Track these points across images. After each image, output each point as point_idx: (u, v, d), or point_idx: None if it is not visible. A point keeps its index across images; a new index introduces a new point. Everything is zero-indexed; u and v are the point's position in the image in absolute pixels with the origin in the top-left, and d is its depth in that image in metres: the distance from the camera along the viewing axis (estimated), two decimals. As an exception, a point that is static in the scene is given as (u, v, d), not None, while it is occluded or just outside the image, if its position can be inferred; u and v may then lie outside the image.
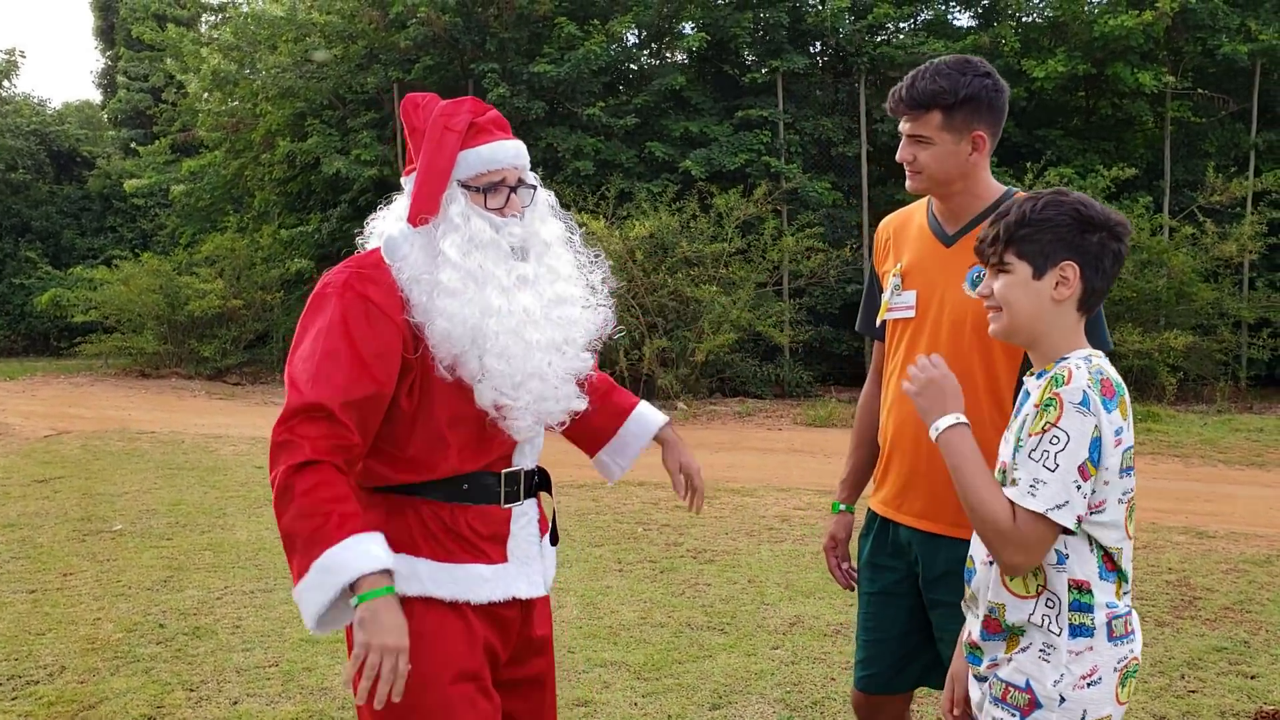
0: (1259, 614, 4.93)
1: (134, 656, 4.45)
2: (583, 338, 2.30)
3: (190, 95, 18.63)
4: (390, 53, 15.49)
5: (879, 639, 2.64)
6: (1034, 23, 15.03)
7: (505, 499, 2.26)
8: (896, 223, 2.71)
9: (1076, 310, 1.96)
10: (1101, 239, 1.93)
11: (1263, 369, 13.23)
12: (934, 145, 2.42)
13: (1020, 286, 1.95)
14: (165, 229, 21.23)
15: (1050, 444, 1.84)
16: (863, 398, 2.82)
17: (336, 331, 2.08)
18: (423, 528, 2.18)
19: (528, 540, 2.30)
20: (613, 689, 4.10)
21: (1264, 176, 13.07)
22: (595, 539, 6.38)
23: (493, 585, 2.22)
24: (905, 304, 2.55)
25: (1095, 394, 1.84)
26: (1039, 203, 1.95)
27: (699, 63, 15.70)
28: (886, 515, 2.61)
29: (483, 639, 2.21)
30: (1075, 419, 1.83)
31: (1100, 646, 1.90)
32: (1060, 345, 1.96)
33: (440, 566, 2.18)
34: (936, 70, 2.41)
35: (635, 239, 12.68)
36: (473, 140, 2.20)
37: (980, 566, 2.03)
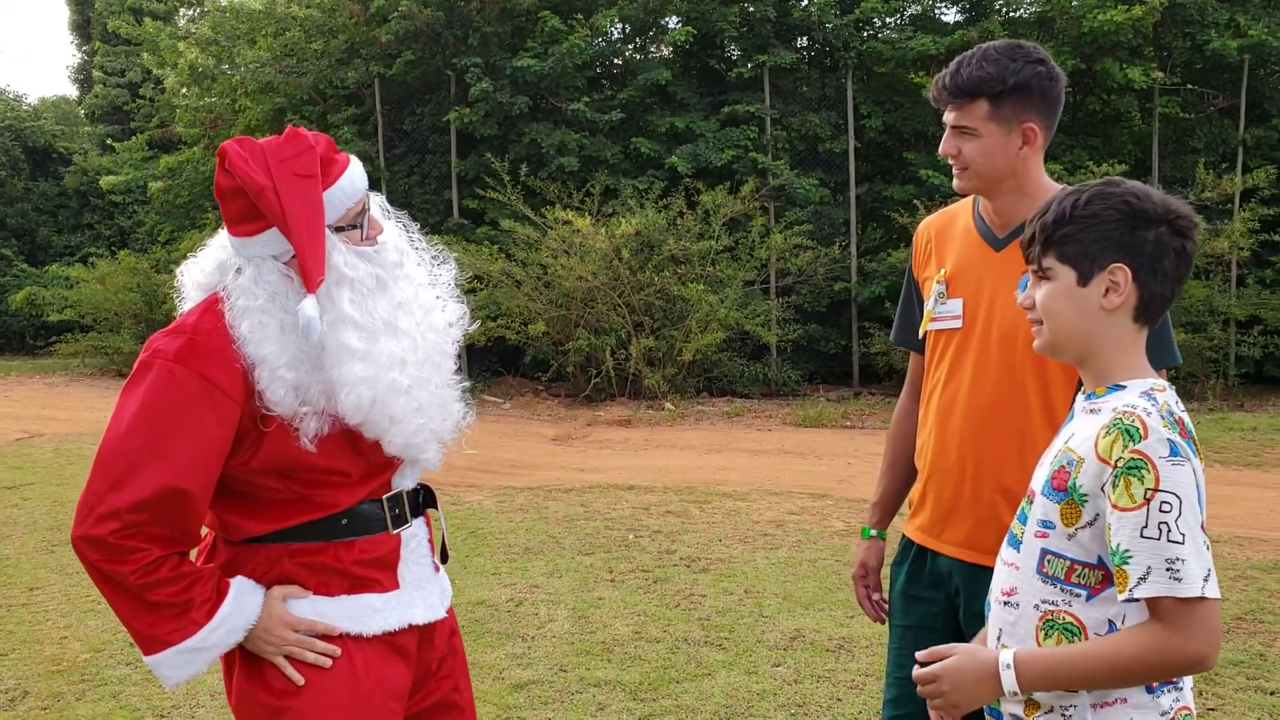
0: (1273, 624, 4.78)
1: (102, 679, 4.24)
2: (452, 346, 2.17)
3: (168, 90, 18.32)
4: (371, 47, 15.25)
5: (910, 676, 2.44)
6: (1022, 18, 14.89)
7: (393, 524, 2.10)
8: (938, 224, 2.47)
9: (1133, 321, 1.70)
10: (1159, 235, 1.66)
11: (1252, 366, 13.14)
12: (980, 137, 2.21)
13: (1064, 295, 1.69)
14: (143, 226, 20.90)
15: (1163, 513, 1.55)
16: (897, 414, 2.58)
17: (155, 418, 1.89)
18: (302, 571, 2.03)
19: (419, 562, 2.15)
20: (608, 711, 3.91)
21: (1255, 173, 12.98)
22: (585, 547, 6.19)
23: (385, 615, 2.08)
24: (951, 313, 2.33)
25: (1178, 437, 1.58)
26: (1083, 196, 1.69)
27: (684, 58, 15.51)
28: (925, 544, 2.39)
29: (375, 676, 2.06)
30: (1175, 475, 1.56)
31: (1135, 698, 1.65)
32: (1115, 364, 1.71)
33: (325, 600, 2.04)
34: (984, 55, 2.20)
35: (621, 237, 12.50)
36: (328, 177, 1.99)
37: (996, 605, 1.80)
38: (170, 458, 1.88)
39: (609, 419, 11.55)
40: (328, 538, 2.05)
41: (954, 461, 2.31)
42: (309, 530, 2.04)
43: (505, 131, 14.37)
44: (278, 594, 2.01)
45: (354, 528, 2.07)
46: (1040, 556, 1.72)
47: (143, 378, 1.94)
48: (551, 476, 8.36)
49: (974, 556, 2.28)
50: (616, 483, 8.07)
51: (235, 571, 2.06)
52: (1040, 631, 1.70)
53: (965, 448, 2.29)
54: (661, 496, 7.54)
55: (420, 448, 2.08)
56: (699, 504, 7.29)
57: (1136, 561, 1.56)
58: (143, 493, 1.87)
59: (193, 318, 1.98)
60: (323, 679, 2.02)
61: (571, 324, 12.71)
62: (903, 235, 13.55)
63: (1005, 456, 2.24)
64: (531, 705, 3.97)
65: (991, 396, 2.26)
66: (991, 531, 2.25)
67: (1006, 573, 1.79)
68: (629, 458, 9.22)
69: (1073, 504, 1.67)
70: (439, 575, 2.23)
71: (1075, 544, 1.67)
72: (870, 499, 2.65)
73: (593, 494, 7.65)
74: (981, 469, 2.27)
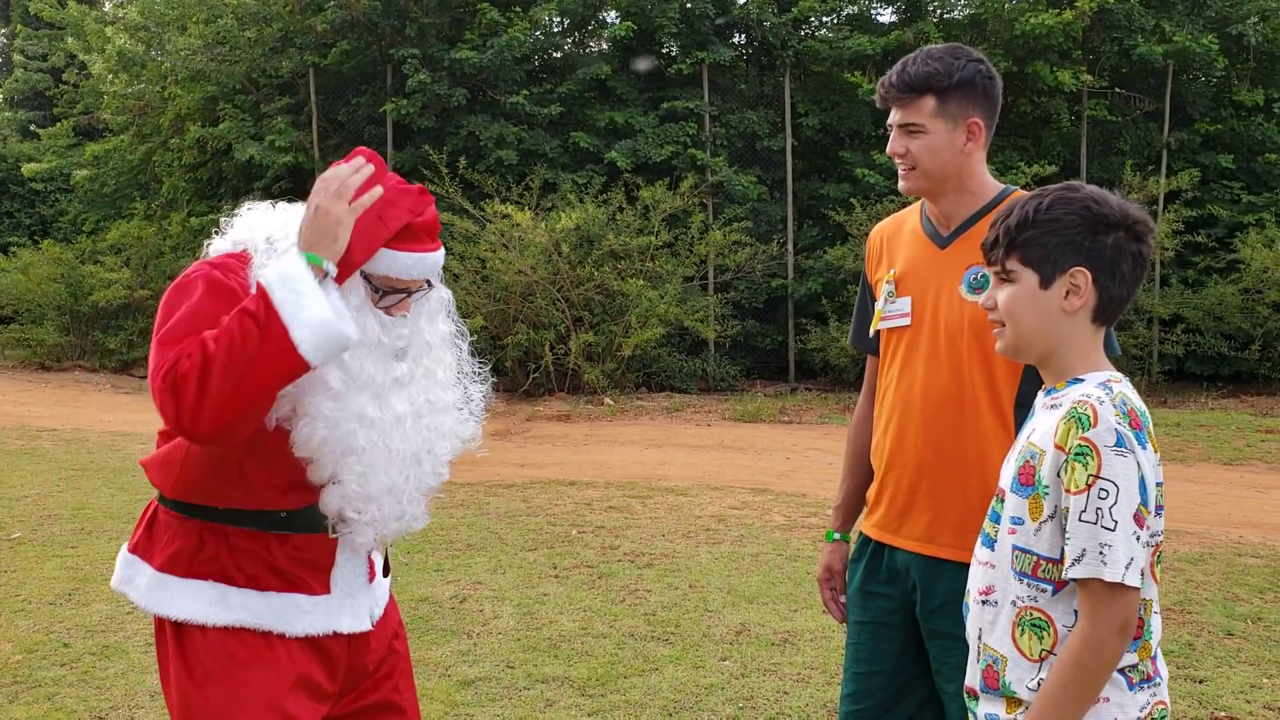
0: (1199, 614, 4.93)
1: (35, 681, 4.13)
2: (447, 452, 2.16)
3: (94, 76, 17.87)
4: (306, 36, 15.01)
5: (869, 672, 2.45)
6: (955, 20, 15.14)
7: (333, 528, 2.10)
8: (889, 229, 2.54)
9: (1091, 322, 1.76)
10: (1118, 240, 1.72)
11: (1174, 364, 13.52)
12: (927, 134, 2.27)
13: (1026, 298, 1.75)
14: (67, 215, 20.35)
15: (1100, 499, 1.62)
16: (856, 419, 2.62)
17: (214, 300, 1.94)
18: (233, 557, 2.04)
19: (353, 570, 2.15)
20: (556, 707, 3.91)
21: (1178, 176, 13.34)
22: (528, 543, 6.18)
23: (312, 618, 2.08)
24: (900, 311, 2.39)
25: (1127, 429, 1.64)
26: (1045, 200, 1.75)
27: (624, 53, 15.52)
28: (882, 539, 2.43)
29: (299, 672, 2.06)
30: (1117, 464, 1.63)
31: (1117, 697, 1.69)
32: (1075, 362, 1.76)
33: (255, 595, 2.04)
34: (929, 54, 2.27)
35: (561, 231, 12.46)
36: (400, 243, 2.01)
37: (974, 605, 1.83)
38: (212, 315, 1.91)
39: (548, 414, 11.52)
40: (267, 528, 2.05)
41: (909, 456, 2.35)
42: (252, 517, 2.04)
43: (443, 124, 14.24)
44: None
45: (294, 524, 2.07)
46: (1012, 553, 1.76)
47: (191, 286, 1.96)
48: (492, 472, 8.32)
49: (931, 550, 2.32)
50: (558, 478, 8.06)
51: (159, 541, 2.07)
52: (1015, 629, 1.74)
53: (919, 443, 2.33)
54: (603, 492, 7.55)
55: (355, 526, 2.06)
56: (641, 499, 7.31)
57: (1074, 543, 1.65)
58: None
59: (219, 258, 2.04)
60: (244, 670, 2.02)
61: (510, 319, 12.65)
62: (839, 233, 13.71)
63: (957, 449, 2.30)
64: (479, 702, 3.96)
65: (941, 391, 2.31)
66: (947, 524, 2.30)
67: (983, 572, 1.82)
68: (569, 453, 9.22)
69: (1037, 498, 1.73)
70: (372, 586, 2.22)
71: (1040, 538, 1.72)
72: (833, 502, 2.68)
73: (534, 489, 7.63)
74: (935, 463, 2.32)
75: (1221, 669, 4.28)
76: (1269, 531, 6.54)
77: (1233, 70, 14.15)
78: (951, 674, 2.31)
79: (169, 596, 2.04)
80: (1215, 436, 9.92)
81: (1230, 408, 12.01)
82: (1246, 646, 4.53)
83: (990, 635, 1.79)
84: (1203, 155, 14.03)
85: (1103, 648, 1.63)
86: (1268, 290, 12.61)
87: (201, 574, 2.04)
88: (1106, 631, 1.63)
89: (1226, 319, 12.89)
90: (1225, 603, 5.09)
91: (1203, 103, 14.32)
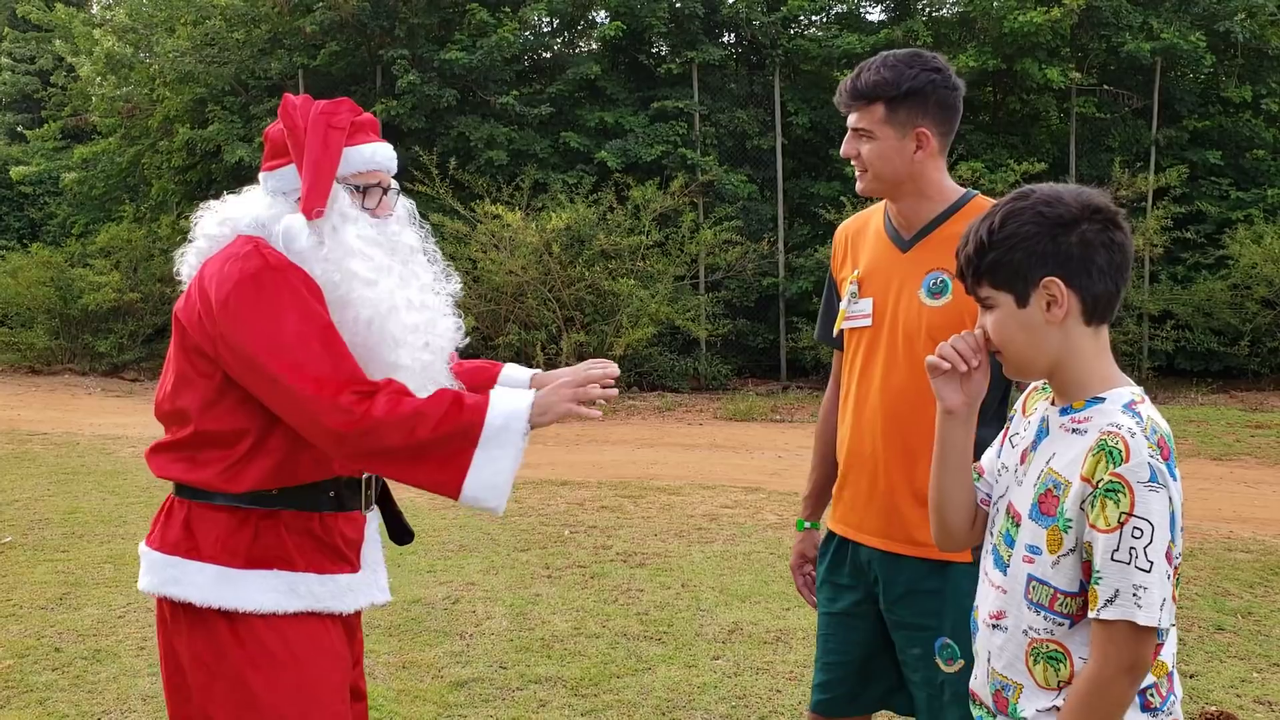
0: (1190, 609, 4.96)
1: (26, 685, 4.12)
2: (446, 344, 2.29)
3: (82, 79, 17.79)
4: (295, 37, 14.98)
5: (838, 661, 2.53)
6: (945, 18, 15.18)
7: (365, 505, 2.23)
8: (854, 227, 2.59)
9: (1086, 325, 1.68)
10: (1083, 235, 1.64)
11: (1164, 360, 13.56)
12: (877, 140, 2.32)
13: (1010, 320, 1.69)
14: (56, 218, 20.25)
15: (1134, 538, 1.56)
16: (823, 411, 2.70)
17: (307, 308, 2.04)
18: (293, 540, 2.11)
19: (374, 546, 2.28)
20: (549, 707, 3.91)
21: (1167, 173, 13.38)
22: (521, 543, 6.18)
23: (356, 595, 2.19)
24: (862, 312, 2.45)
25: (1160, 462, 1.58)
26: (996, 218, 1.68)
27: (613, 53, 15.51)
28: (845, 535, 2.50)
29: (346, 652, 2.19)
30: (1151, 501, 1.56)
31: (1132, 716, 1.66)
32: (1084, 373, 1.70)
33: (317, 579, 2.12)
34: (884, 62, 2.32)
35: (551, 231, 12.46)
36: (354, 139, 2.20)
37: (983, 626, 1.80)
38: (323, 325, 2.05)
39: (540, 414, 11.50)
40: (318, 508, 2.13)
41: (868, 455, 2.42)
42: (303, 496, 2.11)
43: (433, 124, 14.22)
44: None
45: (341, 500, 2.16)
46: (1027, 582, 1.72)
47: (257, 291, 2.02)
48: (484, 472, 8.31)
49: (891, 546, 2.39)
50: (550, 478, 8.06)
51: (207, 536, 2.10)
52: (1029, 658, 1.72)
53: (878, 441, 2.39)
54: (596, 491, 7.55)
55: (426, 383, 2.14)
56: (633, 499, 7.32)
57: (1106, 584, 1.58)
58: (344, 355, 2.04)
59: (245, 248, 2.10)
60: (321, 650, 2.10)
61: (502, 319, 12.65)
62: (829, 231, 13.71)
63: (916, 448, 2.34)
64: (472, 703, 3.96)
65: (899, 391, 2.37)
66: (905, 521, 2.36)
67: (994, 595, 1.79)
68: (561, 453, 9.21)
69: (1057, 530, 1.68)
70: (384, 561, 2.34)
71: (1058, 571, 1.68)
72: (803, 492, 2.75)
73: (526, 490, 7.63)
74: (894, 461, 2.38)
75: (1212, 664, 4.30)
76: (1259, 526, 6.57)
77: (1220, 67, 14.20)
78: (916, 663, 2.37)
79: (237, 589, 2.07)
80: (1205, 432, 9.96)
81: (1220, 403, 12.06)
82: (1237, 641, 4.55)
83: (999, 660, 1.76)
84: (1191, 152, 14.07)
85: (1115, 687, 1.59)
86: (1256, 286, 12.65)
87: (263, 563, 2.09)
88: (1115, 671, 1.58)
89: (1216, 315, 12.94)
90: (1215, 598, 5.11)
91: (1191, 99, 14.36)
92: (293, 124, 2.16)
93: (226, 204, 2.24)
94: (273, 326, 1.99)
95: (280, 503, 2.10)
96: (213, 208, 2.24)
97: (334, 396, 1.97)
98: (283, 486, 2.09)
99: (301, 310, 2.02)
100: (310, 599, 2.11)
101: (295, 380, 1.97)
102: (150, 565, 2.14)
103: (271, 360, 1.97)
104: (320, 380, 1.98)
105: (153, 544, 2.15)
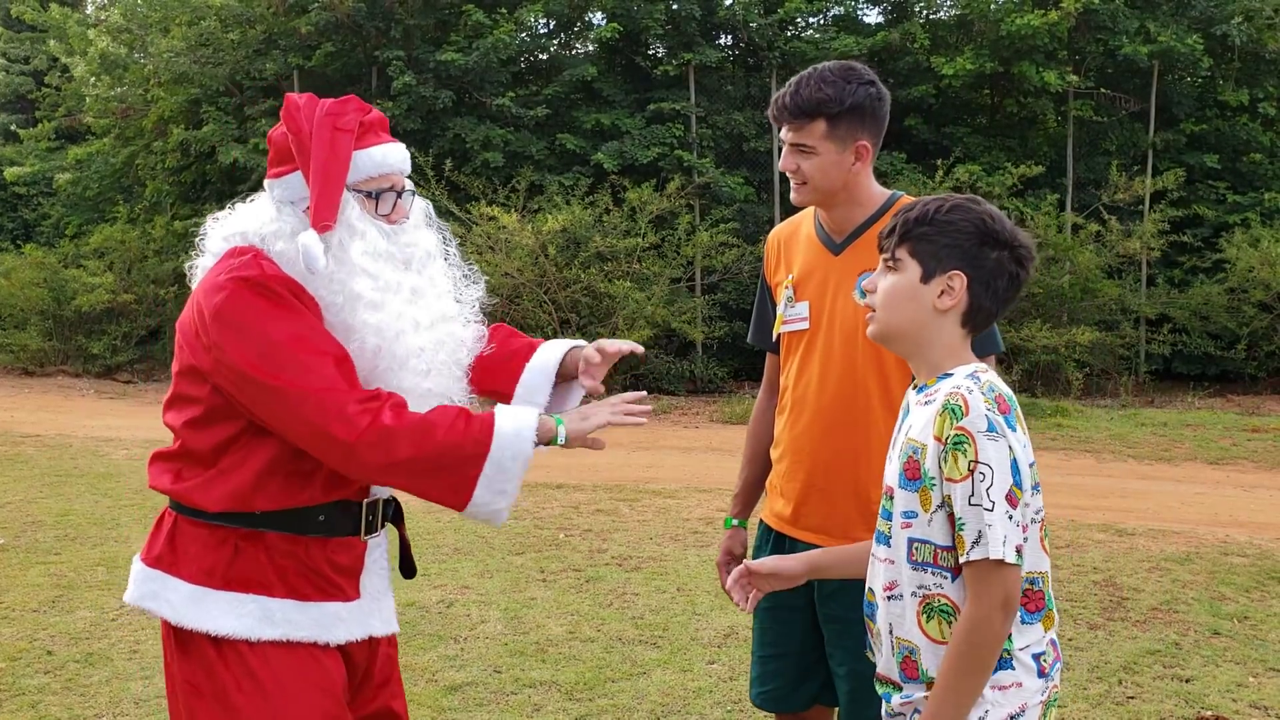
0: (1186, 614, 4.94)
1: (19, 689, 4.09)
2: (465, 358, 2.19)
3: (76, 79, 17.76)
4: (290, 38, 14.95)
5: (775, 654, 2.60)
6: (942, 20, 15.18)
7: (365, 530, 2.12)
8: (785, 233, 2.66)
9: (961, 326, 1.85)
10: (1000, 258, 1.83)
11: (1161, 364, 13.57)
12: (818, 155, 2.37)
13: (906, 288, 1.84)
14: (49, 219, 20.20)
15: (980, 483, 1.72)
16: (756, 411, 2.77)
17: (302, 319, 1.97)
18: (274, 564, 2.02)
19: (379, 574, 2.17)
20: (544, 712, 3.89)
21: (1164, 176, 13.38)
22: (515, 547, 6.15)
23: (349, 624, 2.08)
24: (799, 315, 2.52)
25: (997, 415, 1.74)
26: (947, 204, 1.85)
27: (610, 54, 15.50)
28: (781, 530, 2.56)
29: (339, 682, 2.07)
30: (990, 448, 1.73)
31: (1029, 682, 1.80)
32: (943, 361, 1.85)
33: (297, 606, 2.03)
34: (821, 78, 2.36)
35: (547, 233, 12.44)
36: (363, 141, 2.08)
37: (881, 602, 1.89)
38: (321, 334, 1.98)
39: (535, 416, 11.48)
40: (304, 532, 2.04)
41: (805, 453, 2.49)
42: (289, 519, 2.03)
43: (429, 126, 14.20)
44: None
45: (331, 525, 2.06)
46: (909, 546, 1.84)
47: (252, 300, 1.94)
48: (479, 475, 8.28)
49: (826, 541, 2.44)
50: (545, 481, 8.03)
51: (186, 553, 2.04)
52: (921, 616, 1.83)
53: (815, 440, 2.47)
54: (591, 495, 7.53)
55: None
56: (629, 502, 7.29)
57: (969, 528, 1.73)
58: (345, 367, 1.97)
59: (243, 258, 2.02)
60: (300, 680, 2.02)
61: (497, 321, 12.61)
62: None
63: (851, 447, 2.43)
64: (466, 707, 3.93)
65: (836, 391, 2.44)
66: (841, 517, 2.44)
67: (884, 569, 1.89)
68: (556, 455, 9.15)
69: (925, 490, 1.81)
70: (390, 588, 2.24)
71: (934, 528, 1.81)
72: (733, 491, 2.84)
73: (521, 492, 7.57)
74: (831, 460, 2.45)
75: (1208, 668, 4.29)
76: (1255, 531, 6.56)
77: (1217, 70, 14.22)
78: (843, 657, 2.44)
79: (208, 611, 2.00)
80: (1202, 436, 9.95)
81: (1217, 407, 12.06)
82: (1233, 645, 4.54)
83: (901, 628, 1.86)
84: (1188, 155, 14.09)
85: (989, 624, 1.72)
86: (1253, 290, 12.67)
87: (240, 586, 2.01)
88: (989, 608, 1.72)
89: (1213, 319, 12.95)
90: (1212, 602, 5.10)
91: (1188, 103, 14.38)
92: (297, 127, 2.04)
93: (234, 215, 2.13)
94: (269, 336, 1.91)
95: (264, 524, 2.02)
96: (219, 219, 2.13)
97: (341, 407, 1.89)
98: (266, 510, 2.02)
99: (297, 320, 1.94)
100: (288, 627, 2.02)
101: (298, 391, 1.89)
102: (135, 576, 2.10)
103: (270, 371, 1.89)
104: (324, 390, 1.90)
105: (142, 555, 2.11)
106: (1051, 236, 12.73)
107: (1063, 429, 10.25)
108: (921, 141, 14.56)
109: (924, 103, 14.57)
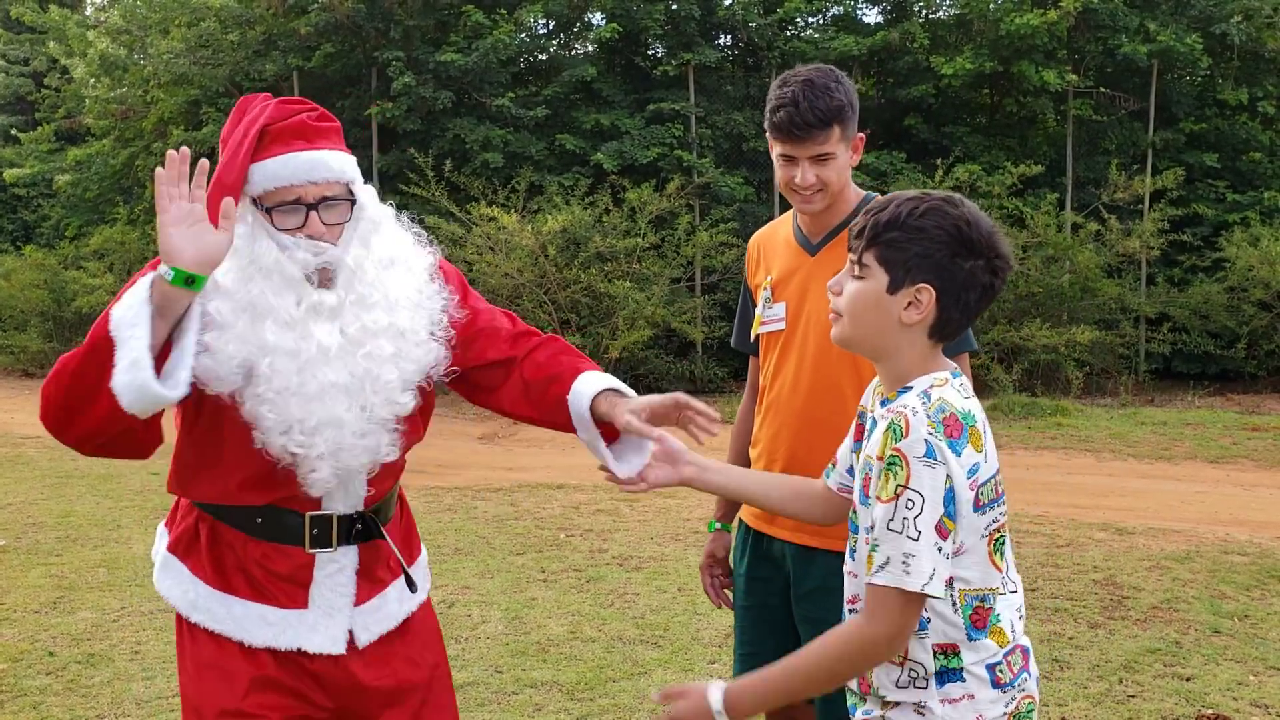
0: (1186, 612, 4.94)
1: (20, 690, 4.10)
2: (396, 377, 2.02)
3: (76, 81, 17.76)
4: (290, 39, 14.95)
5: (754, 653, 2.60)
6: (941, 20, 15.18)
7: (311, 543, 2.05)
8: (765, 237, 2.71)
9: (928, 338, 1.74)
10: (974, 268, 1.70)
11: (1161, 363, 13.57)
12: (836, 159, 2.40)
13: (871, 297, 1.73)
14: (49, 221, 20.22)
15: (906, 509, 1.62)
16: (739, 414, 2.79)
17: None
18: (218, 550, 2.06)
19: (335, 591, 2.09)
20: (545, 712, 3.90)
21: (1164, 175, 13.38)
22: (516, 547, 6.16)
23: (276, 631, 2.04)
24: (776, 316, 2.55)
25: (940, 439, 1.64)
26: (921, 206, 1.71)
27: (609, 54, 15.50)
28: (760, 529, 2.58)
29: (258, 674, 2.03)
30: (925, 475, 1.62)
31: (981, 693, 1.72)
32: (909, 371, 1.76)
33: (220, 599, 2.04)
34: (822, 87, 2.37)
35: (547, 234, 12.44)
36: (262, 152, 1.98)
37: (847, 613, 1.86)
38: None
39: (536, 417, 11.48)
40: (243, 529, 2.05)
41: (782, 452, 2.51)
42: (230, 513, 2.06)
43: (428, 126, 14.20)
44: None
45: (268, 531, 2.04)
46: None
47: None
48: (479, 476, 8.30)
49: (803, 539, 2.47)
50: (545, 481, 8.04)
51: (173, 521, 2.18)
52: None
53: (792, 440, 2.50)
54: (591, 495, 7.53)
55: (306, 462, 1.96)
56: (629, 502, 7.30)
57: (880, 551, 1.65)
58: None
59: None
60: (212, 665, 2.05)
61: (497, 321, 12.62)
62: (826, 233, 13.69)
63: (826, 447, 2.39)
64: (467, 707, 3.94)
65: (810, 391, 2.47)
66: None
67: (850, 582, 1.86)
68: (557, 456, 9.20)
69: None
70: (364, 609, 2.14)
71: None
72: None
73: (522, 493, 7.61)
74: (806, 459, 2.44)
75: (1209, 666, 4.29)
76: (1255, 529, 6.56)
77: (1217, 69, 14.22)
78: None
79: (165, 578, 2.12)
80: (1202, 435, 9.95)
81: (1216, 406, 12.06)
82: (1233, 644, 4.54)
83: None
84: (1187, 154, 14.08)
85: (874, 647, 1.66)
86: (1253, 289, 12.66)
87: (191, 563, 2.08)
88: (875, 634, 1.65)
89: (1213, 317, 12.94)
90: (1212, 600, 5.10)
91: (1187, 102, 14.38)
92: (226, 135, 2.03)
93: None
94: None
95: (215, 514, 2.08)
96: None
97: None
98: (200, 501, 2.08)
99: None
100: (207, 616, 2.05)
101: None
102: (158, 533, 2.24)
103: None
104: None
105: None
106: (1051, 236, 12.73)
107: (1063, 428, 10.25)
108: (921, 141, 14.56)
109: (923, 102, 14.58)
